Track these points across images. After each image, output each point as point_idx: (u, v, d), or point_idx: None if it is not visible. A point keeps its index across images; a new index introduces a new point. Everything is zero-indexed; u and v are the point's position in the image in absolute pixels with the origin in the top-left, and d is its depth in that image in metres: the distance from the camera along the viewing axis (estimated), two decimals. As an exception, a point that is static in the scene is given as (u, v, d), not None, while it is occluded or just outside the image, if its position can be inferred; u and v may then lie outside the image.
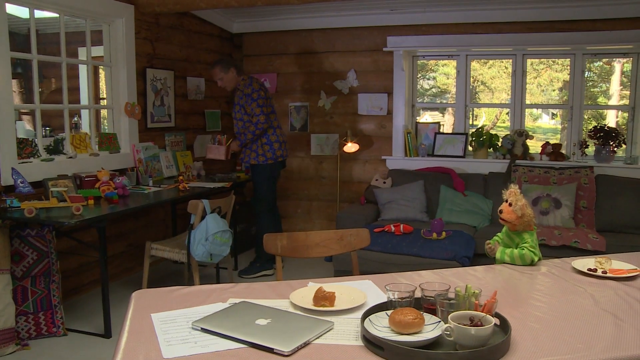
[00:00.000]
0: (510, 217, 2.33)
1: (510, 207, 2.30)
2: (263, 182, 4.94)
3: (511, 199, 2.32)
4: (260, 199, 4.98)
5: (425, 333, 1.50)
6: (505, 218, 2.34)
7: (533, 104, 8.34)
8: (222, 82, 4.84)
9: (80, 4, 4.23)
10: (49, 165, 4.03)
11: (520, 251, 2.34)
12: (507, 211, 2.33)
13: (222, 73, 4.80)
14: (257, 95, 4.73)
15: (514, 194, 2.33)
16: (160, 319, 1.68)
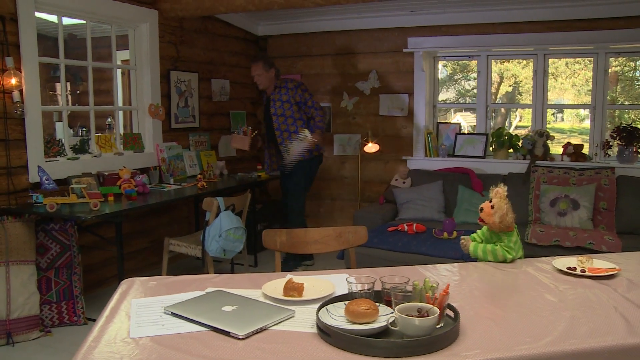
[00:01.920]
0: (488, 220, 2.33)
1: (492, 209, 2.31)
2: (301, 179, 5.07)
3: (495, 200, 2.33)
4: (298, 197, 5.10)
5: (378, 323, 1.59)
6: (483, 218, 2.34)
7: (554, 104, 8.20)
8: (259, 78, 4.88)
9: (105, 10, 4.45)
10: (75, 163, 4.25)
11: (493, 246, 2.36)
12: (486, 213, 2.33)
13: (263, 70, 4.86)
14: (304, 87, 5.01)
15: (499, 196, 2.34)
16: (139, 304, 1.81)
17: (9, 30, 3.71)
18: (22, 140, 3.86)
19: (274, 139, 5.03)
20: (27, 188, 3.88)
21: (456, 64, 6.95)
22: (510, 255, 2.33)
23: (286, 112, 4.89)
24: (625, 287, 2.02)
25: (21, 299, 3.52)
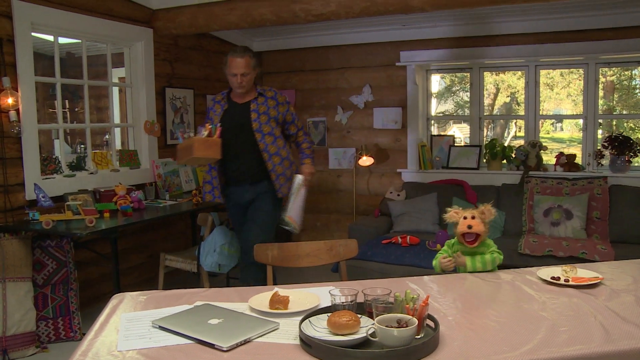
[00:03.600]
0: (479, 229, 2.38)
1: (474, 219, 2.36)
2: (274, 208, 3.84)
3: (474, 212, 2.38)
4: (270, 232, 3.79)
5: (360, 335, 1.62)
6: (475, 231, 2.37)
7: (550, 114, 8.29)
8: (245, 79, 3.60)
9: (101, 30, 4.52)
10: (71, 180, 4.30)
11: (491, 255, 2.41)
12: (476, 223, 2.37)
13: (251, 68, 3.63)
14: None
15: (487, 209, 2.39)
16: (128, 318, 1.85)
17: (6, 51, 3.77)
18: (19, 158, 3.91)
19: (233, 159, 3.73)
20: (23, 205, 3.92)
21: (454, 76, 7.02)
22: (501, 255, 2.41)
23: (274, 130, 3.74)
24: (607, 295, 2.06)
25: (17, 316, 3.55)
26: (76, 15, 4.28)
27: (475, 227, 2.35)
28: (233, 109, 3.75)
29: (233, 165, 3.76)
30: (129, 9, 4.77)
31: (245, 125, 3.70)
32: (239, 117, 3.72)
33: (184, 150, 3.64)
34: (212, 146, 3.54)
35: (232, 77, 3.62)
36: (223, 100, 3.80)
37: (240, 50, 3.66)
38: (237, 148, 3.71)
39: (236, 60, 3.60)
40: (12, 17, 3.79)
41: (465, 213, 2.39)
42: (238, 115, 3.73)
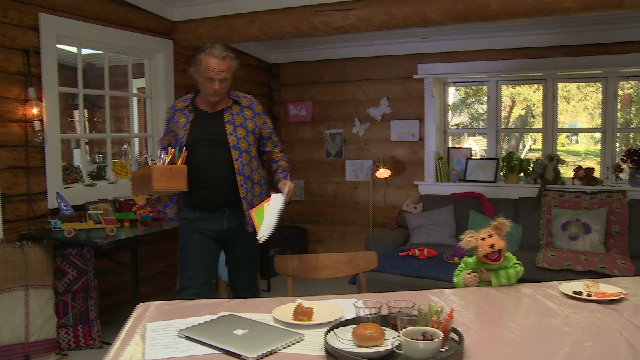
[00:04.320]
0: (500, 245, 2.37)
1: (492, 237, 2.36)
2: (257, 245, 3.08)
3: (492, 230, 2.38)
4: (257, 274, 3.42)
5: (385, 347, 1.63)
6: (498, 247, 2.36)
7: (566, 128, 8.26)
8: (223, 85, 2.95)
9: (123, 41, 4.59)
10: (92, 190, 4.36)
11: (515, 269, 2.41)
12: (495, 240, 2.36)
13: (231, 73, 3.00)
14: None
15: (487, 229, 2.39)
16: (153, 328, 1.87)
17: (32, 62, 3.85)
18: (41, 167, 3.98)
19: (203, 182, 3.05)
20: (45, 214, 3.98)
21: (469, 88, 7.03)
22: (522, 267, 2.44)
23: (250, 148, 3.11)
24: (631, 311, 2.04)
25: (39, 323, 3.59)
26: (99, 27, 4.35)
27: (497, 244, 2.35)
28: (202, 120, 3.05)
29: (202, 191, 3.03)
30: (149, 21, 4.84)
31: (218, 140, 3.01)
32: (210, 130, 3.03)
33: (140, 180, 2.96)
34: (176, 176, 2.86)
35: (206, 81, 2.91)
36: (187, 109, 3.06)
37: (219, 49, 2.93)
38: (208, 169, 3.01)
39: (215, 61, 2.89)
40: (39, 29, 3.87)
41: (481, 234, 2.38)
42: (209, 127, 3.03)
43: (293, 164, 6.51)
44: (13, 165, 3.81)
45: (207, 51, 2.94)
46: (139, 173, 2.98)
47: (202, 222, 3.09)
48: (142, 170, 2.93)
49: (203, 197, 3.06)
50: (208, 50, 2.94)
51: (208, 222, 3.09)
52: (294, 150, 6.56)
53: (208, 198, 3.06)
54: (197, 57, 2.96)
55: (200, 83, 2.99)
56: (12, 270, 3.56)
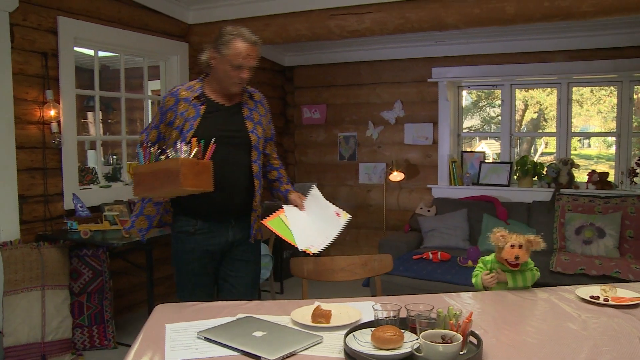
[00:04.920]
0: (525, 259, 2.36)
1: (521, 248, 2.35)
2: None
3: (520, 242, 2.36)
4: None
5: (404, 350, 1.64)
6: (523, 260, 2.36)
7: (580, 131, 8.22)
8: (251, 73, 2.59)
9: (139, 44, 4.63)
10: (107, 191, 4.40)
11: (532, 272, 2.42)
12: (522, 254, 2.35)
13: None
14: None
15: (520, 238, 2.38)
16: (173, 329, 1.89)
17: (50, 65, 3.90)
18: (58, 169, 4.02)
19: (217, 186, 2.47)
20: (62, 215, 4.02)
21: (481, 91, 7.01)
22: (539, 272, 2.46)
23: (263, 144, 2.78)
24: (648, 316, 2.04)
25: (55, 323, 3.63)
26: (115, 30, 4.40)
27: (522, 258, 2.34)
28: (216, 114, 2.61)
29: (210, 197, 2.48)
30: (165, 24, 4.88)
31: (237, 139, 2.62)
32: (227, 126, 2.61)
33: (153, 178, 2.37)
34: (202, 173, 2.35)
35: (233, 69, 2.51)
36: (197, 99, 2.59)
37: (249, 33, 2.55)
38: (222, 171, 2.53)
39: (247, 46, 2.51)
40: (57, 32, 3.92)
41: (513, 240, 2.35)
42: (225, 123, 2.61)
43: (306, 167, 6.55)
44: (30, 167, 3.85)
45: (236, 34, 2.51)
46: (150, 169, 2.37)
47: (204, 235, 2.63)
48: (157, 165, 2.35)
49: (210, 204, 2.56)
50: (236, 33, 2.51)
51: (211, 236, 2.64)
52: (308, 152, 6.57)
53: (216, 206, 2.57)
54: (221, 40, 2.51)
55: (220, 71, 2.54)
56: (29, 270, 3.60)
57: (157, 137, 2.64)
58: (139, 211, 2.73)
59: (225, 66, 2.51)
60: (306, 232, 2.53)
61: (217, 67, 2.55)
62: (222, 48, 2.50)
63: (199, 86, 2.64)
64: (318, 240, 2.55)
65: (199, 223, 2.63)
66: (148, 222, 2.72)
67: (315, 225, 2.61)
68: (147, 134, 2.66)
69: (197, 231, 2.63)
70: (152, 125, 2.68)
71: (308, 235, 2.56)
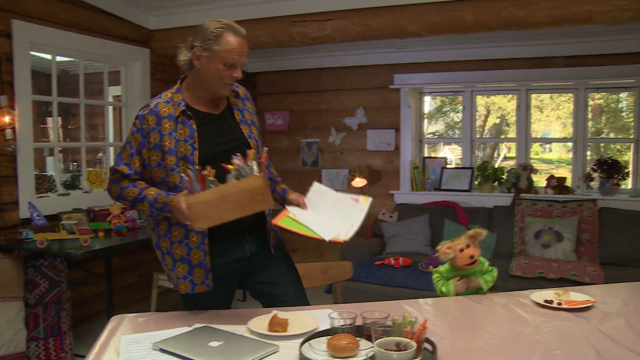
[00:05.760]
0: (478, 253, 2.40)
1: (469, 247, 2.39)
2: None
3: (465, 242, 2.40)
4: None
5: (359, 358, 1.65)
6: (478, 254, 2.39)
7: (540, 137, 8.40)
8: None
9: (98, 49, 4.56)
10: (65, 199, 4.31)
11: (492, 274, 2.46)
12: (474, 251, 2.39)
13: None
14: None
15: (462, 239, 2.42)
16: (128, 340, 1.86)
17: (4, 69, 3.80)
18: (13, 176, 3.92)
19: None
20: (17, 224, 3.92)
21: (445, 97, 7.11)
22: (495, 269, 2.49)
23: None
24: (599, 319, 2.09)
25: (7, 336, 3.52)
26: (74, 35, 4.32)
27: (476, 254, 2.38)
28: (210, 125, 2.29)
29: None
30: (125, 29, 4.82)
31: (237, 148, 2.24)
32: (225, 137, 2.32)
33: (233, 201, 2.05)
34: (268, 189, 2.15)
35: (224, 68, 2.18)
36: (183, 114, 2.23)
37: (238, 26, 2.23)
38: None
39: (239, 40, 2.19)
40: (12, 36, 3.83)
41: (459, 245, 2.39)
42: (222, 134, 2.32)
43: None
44: (-16, 175, 3.75)
45: (225, 27, 2.17)
46: (218, 194, 2.04)
47: (217, 256, 2.28)
48: (231, 187, 2.05)
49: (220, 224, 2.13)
50: (225, 26, 2.17)
51: (226, 255, 2.32)
52: (270, 159, 6.48)
53: (227, 224, 2.12)
54: (208, 36, 2.15)
55: (209, 71, 2.19)
56: (-19, 281, 3.50)
57: (141, 165, 2.24)
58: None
59: (216, 65, 2.17)
60: (325, 224, 2.27)
61: (204, 68, 2.19)
62: (212, 44, 2.15)
63: (179, 98, 2.26)
64: (344, 227, 2.32)
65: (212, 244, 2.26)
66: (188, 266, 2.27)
67: (333, 217, 2.36)
68: (129, 165, 2.22)
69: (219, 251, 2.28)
70: (132, 151, 2.23)
71: (329, 226, 2.30)
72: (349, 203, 2.47)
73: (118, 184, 2.25)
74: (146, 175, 2.26)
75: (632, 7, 3.65)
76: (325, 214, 2.38)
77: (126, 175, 2.23)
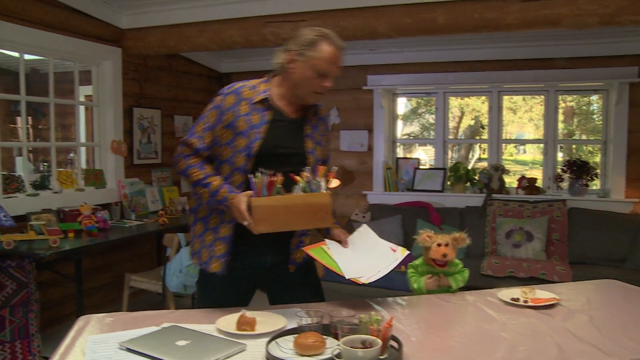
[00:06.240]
0: (452, 256, 2.44)
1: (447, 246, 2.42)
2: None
3: (446, 240, 2.44)
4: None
5: (325, 355, 1.65)
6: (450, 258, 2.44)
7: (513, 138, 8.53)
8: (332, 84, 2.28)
9: (68, 48, 4.50)
10: (34, 200, 4.24)
11: (463, 274, 2.49)
12: (450, 251, 2.43)
13: None
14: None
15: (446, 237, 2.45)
16: (94, 341, 1.84)
17: (-30, 68, 3.74)
18: (-20, 176, 3.86)
19: None
20: (-16, 225, 3.85)
21: (420, 98, 7.17)
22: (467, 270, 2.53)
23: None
24: (563, 316, 2.13)
25: (-25, 339, 3.47)
26: (43, 33, 4.25)
27: (449, 256, 2.42)
28: (279, 124, 2.28)
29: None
30: (97, 28, 4.77)
31: (295, 157, 2.28)
32: (286, 142, 2.29)
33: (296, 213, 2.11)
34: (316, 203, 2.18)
35: (315, 76, 2.20)
36: (261, 104, 2.26)
37: (337, 37, 2.25)
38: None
39: (336, 51, 2.22)
40: (-22, 34, 3.76)
41: (439, 239, 2.43)
42: (285, 137, 2.29)
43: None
44: (-50, 175, 3.68)
45: (322, 35, 2.21)
46: (283, 202, 2.07)
47: (239, 256, 2.30)
48: (297, 199, 2.09)
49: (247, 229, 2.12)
50: (323, 35, 2.21)
51: (247, 256, 2.33)
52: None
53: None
54: (304, 41, 2.20)
55: (300, 77, 2.21)
56: (-53, 283, 3.43)
57: (211, 141, 2.25)
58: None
59: (307, 72, 2.19)
60: (353, 264, 2.25)
61: (296, 73, 2.21)
62: (306, 50, 2.18)
63: (264, 88, 2.29)
64: (369, 272, 2.30)
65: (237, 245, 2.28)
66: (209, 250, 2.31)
67: (364, 260, 2.37)
68: (201, 138, 2.24)
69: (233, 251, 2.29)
70: (205, 126, 2.25)
71: (356, 267, 2.30)
72: (386, 251, 2.49)
73: (186, 159, 2.26)
74: (214, 152, 2.27)
75: (599, 11, 3.72)
76: (359, 255, 2.39)
77: (196, 149, 2.24)
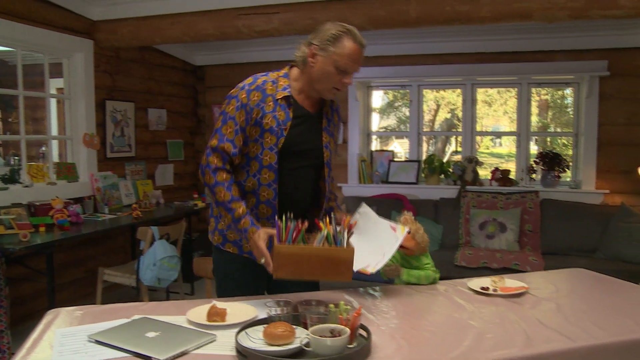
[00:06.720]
0: (409, 244, 2.45)
1: (409, 234, 2.44)
2: None
3: (409, 226, 2.45)
4: None
5: (294, 345, 1.66)
6: (405, 245, 2.44)
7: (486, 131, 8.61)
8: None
9: (37, 39, 4.42)
10: (4, 193, 4.17)
11: (426, 272, 2.50)
12: (406, 238, 2.44)
13: None
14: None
15: (410, 222, 2.47)
16: (62, 334, 1.83)
17: (-64, 59, 3.66)
18: (-52, 170, 3.79)
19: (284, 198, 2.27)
20: (-48, 219, 3.78)
21: (396, 92, 7.20)
22: (437, 274, 2.49)
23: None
24: (531, 304, 2.17)
25: (-57, 335, 3.41)
26: (10, 23, 4.17)
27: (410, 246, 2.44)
28: (301, 120, 2.27)
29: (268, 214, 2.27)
30: (67, 19, 4.69)
31: (310, 152, 2.31)
32: (306, 137, 2.29)
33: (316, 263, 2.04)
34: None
35: (336, 72, 2.17)
36: (284, 100, 2.24)
37: (360, 34, 2.20)
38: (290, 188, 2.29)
39: (358, 49, 2.18)
40: (-57, 25, 3.68)
41: (411, 228, 2.45)
42: (306, 133, 2.29)
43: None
44: None
45: (345, 31, 2.16)
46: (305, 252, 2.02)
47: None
48: (319, 251, 2.03)
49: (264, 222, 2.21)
50: (346, 31, 2.16)
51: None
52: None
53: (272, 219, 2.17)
54: (327, 36, 2.16)
55: (320, 72, 2.18)
56: None
57: (243, 143, 2.20)
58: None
59: (328, 67, 2.16)
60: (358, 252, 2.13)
61: (316, 67, 2.18)
62: (328, 45, 2.15)
63: (285, 84, 2.26)
64: (375, 258, 2.29)
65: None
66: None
67: (369, 244, 2.31)
68: (234, 142, 2.18)
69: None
70: (236, 128, 2.18)
71: (361, 254, 2.21)
72: (386, 231, 2.42)
73: (215, 174, 2.18)
74: (243, 151, 2.23)
75: (569, 5, 3.78)
76: (363, 240, 2.31)
77: (232, 154, 2.19)
